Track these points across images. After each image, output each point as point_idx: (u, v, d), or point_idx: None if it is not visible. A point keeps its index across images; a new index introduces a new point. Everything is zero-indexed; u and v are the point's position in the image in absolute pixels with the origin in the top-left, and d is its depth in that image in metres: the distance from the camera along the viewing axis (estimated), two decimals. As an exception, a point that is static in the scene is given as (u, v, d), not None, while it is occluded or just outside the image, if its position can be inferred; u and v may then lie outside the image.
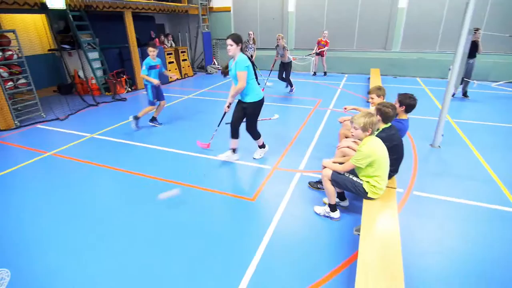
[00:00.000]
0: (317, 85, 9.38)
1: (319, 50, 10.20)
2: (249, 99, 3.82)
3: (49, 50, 8.68)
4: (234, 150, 4.21)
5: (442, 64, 9.80)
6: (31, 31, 8.41)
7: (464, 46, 4.18)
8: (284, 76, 8.11)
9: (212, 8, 12.02)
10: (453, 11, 9.30)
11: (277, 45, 7.88)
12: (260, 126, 5.63)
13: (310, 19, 10.95)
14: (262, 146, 4.36)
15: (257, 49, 11.93)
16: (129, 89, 8.97)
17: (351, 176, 2.78)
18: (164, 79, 8.54)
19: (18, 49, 6.06)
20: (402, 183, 3.57)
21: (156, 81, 5.44)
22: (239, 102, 3.95)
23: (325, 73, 10.69)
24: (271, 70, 8.65)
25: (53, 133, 5.66)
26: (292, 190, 3.51)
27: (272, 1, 11.20)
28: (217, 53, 12.67)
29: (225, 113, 4.19)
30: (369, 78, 9.32)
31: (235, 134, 4.06)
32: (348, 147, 3.15)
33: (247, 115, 3.94)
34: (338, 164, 2.89)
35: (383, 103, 2.90)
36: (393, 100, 3.25)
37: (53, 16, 8.49)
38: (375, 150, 2.56)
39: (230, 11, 11.88)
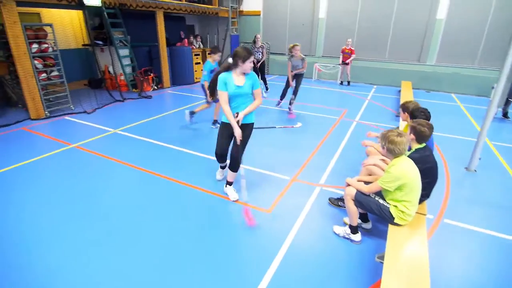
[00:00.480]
0: (343, 94, 9.08)
1: (347, 61, 9.91)
2: (251, 119, 3.21)
3: (82, 45, 9.01)
4: (230, 184, 3.47)
5: (481, 80, 9.19)
6: (67, 26, 8.78)
7: (512, 64, 3.81)
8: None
9: (242, 11, 12.04)
10: (496, 25, 8.72)
11: (292, 56, 6.36)
12: (282, 134, 5.63)
13: (341, 26, 10.67)
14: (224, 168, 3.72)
15: (285, 54, 11.86)
16: (155, 87, 9.11)
17: (377, 198, 2.56)
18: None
19: (54, 42, 6.29)
20: (432, 208, 3.28)
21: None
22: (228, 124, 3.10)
23: (348, 83, 10.34)
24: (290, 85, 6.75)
25: (79, 126, 5.80)
26: (310, 205, 3.32)
27: (303, 7, 11.05)
28: (243, 56, 12.64)
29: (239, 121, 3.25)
30: (399, 91, 8.90)
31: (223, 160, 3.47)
32: (375, 165, 2.92)
33: (245, 137, 3.14)
34: (363, 183, 2.67)
35: (419, 121, 2.66)
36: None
37: (89, 12, 8.83)
38: (406, 172, 2.33)
39: (260, 15, 11.84)
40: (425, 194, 2.71)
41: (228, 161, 3.40)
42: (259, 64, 8.32)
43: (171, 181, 3.78)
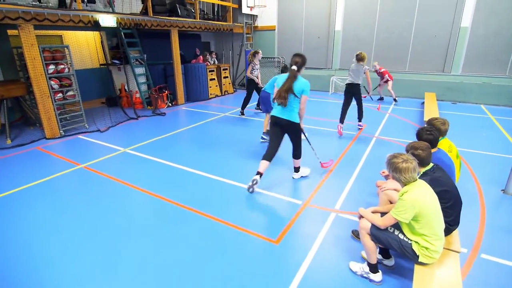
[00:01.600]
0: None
1: (385, 79, 9.03)
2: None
3: (100, 64, 9.26)
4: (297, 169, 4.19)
5: (513, 90, 8.52)
6: (87, 47, 9.08)
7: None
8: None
9: (257, 27, 12.05)
10: (530, 31, 8.10)
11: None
12: (285, 151, 5.19)
13: (358, 39, 10.38)
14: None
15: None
16: (170, 104, 9.14)
17: (396, 233, 2.20)
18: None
19: (70, 63, 6.44)
20: (466, 240, 2.84)
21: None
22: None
23: (395, 100, 9.18)
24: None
25: (91, 145, 5.79)
26: (324, 235, 2.97)
27: (318, 20, 10.88)
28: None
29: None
30: (423, 103, 8.39)
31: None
32: (396, 189, 2.57)
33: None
34: (379, 215, 2.32)
35: (412, 144, 2.37)
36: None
37: (107, 33, 9.13)
38: (420, 199, 1.99)
39: (274, 29, 11.80)
40: (451, 221, 2.33)
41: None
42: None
43: (179, 207, 3.57)
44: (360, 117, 6.39)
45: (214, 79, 10.43)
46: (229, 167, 4.63)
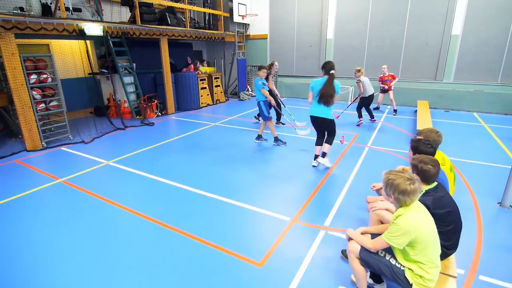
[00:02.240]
0: (354, 116, 8.53)
1: (391, 85, 8.62)
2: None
3: (88, 73, 9.06)
4: (324, 155, 4.76)
5: (505, 98, 8.51)
6: (75, 56, 8.89)
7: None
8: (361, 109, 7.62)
9: (249, 35, 12.00)
10: (520, 39, 8.12)
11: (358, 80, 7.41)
12: (284, 163, 4.95)
13: (350, 47, 10.35)
14: (314, 157, 4.77)
15: (293, 76, 11.61)
16: (159, 114, 8.94)
17: (388, 257, 2.01)
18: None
19: (53, 72, 6.24)
20: (463, 260, 2.66)
21: (273, 102, 5.89)
22: None
23: (395, 111, 8.70)
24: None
25: (73, 157, 5.55)
26: (312, 256, 2.77)
27: (310, 29, 10.86)
28: (251, 80, 12.49)
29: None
30: (415, 111, 8.31)
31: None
32: (387, 209, 2.39)
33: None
34: (369, 236, 2.14)
35: (420, 158, 2.15)
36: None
37: (95, 42, 8.97)
38: (417, 224, 1.80)
39: (266, 38, 11.75)
40: (451, 245, 2.15)
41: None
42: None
43: (159, 225, 3.35)
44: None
45: (205, 88, 10.28)
46: (216, 181, 4.43)
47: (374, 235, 2.17)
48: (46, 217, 3.52)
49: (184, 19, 9.33)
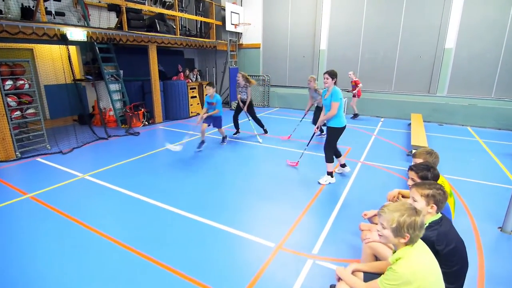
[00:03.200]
0: (347, 129, 8.29)
1: (354, 92, 9.25)
2: (331, 124, 4.35)
3: (72, 80, 8.73)
4: (343, 165, 4.91)
5: (499, 112, 8.41)
6: (59, 61, 8.55)
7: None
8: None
9: (241, 44, 11.83)
10: (513, 54, 8.08)
11: (309, 88, 6.75)
12: (269, 180, 4.60)
13: (343, 58, 10.23)
14: (330, 174, 4.55)
15: (286, 87, 11.41)
16: (146, 123, 8.62)
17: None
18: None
19: (31, 78, 5.91)
20: (465, 298, 2.37)
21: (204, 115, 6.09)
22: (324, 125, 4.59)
23: (355, 115, 9.59)
24: (304, 115, 7.06)
25: (47, 169, 5.17)
26: (297, 290, 2.46)
27: (303, 39, 10.74)
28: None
29: (314, 134, 4.87)
30: (409, 125, 8.15)
31: (337, 154, 4.77)
32: (381, 242, 2.10)
33: (327, 136, 4.48)
34: (362, 276, 1.85)
35: (433, 184, 1.90)
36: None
37: (81, 47, 8.67)
38: (419, 272, 1.52)
39: (259, 48, 11.59)
40: (456, 288, 1.87)
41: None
42: (245, 106, 7.05)
43: (128, 251, 3.00)
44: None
45: (195, 96, 10.01)
46: (195, 198, 4.10)
47: (367, 275, 1.88)
48: (2, 240, 3.14)
49: (174, 27, 9.10)
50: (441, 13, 8.64)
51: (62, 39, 6.17)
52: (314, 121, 6.85)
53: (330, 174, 4.56)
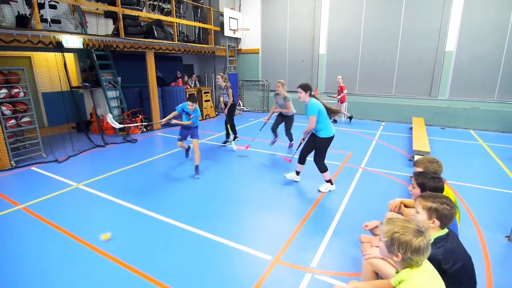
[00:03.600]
0: (347, 134, 8.23)
1: (338, 97, 9.28)
2: (319, 134, 4.19)
3: (70, 87, 8.68)
4: (297, 173, 4.70)
5: (502, 115, 8.27)
6: (56, 69, 8.52)
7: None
8: (276, 128, 6.39)
9: (240, 50, 11.79)
10: (515, 56, 7.96)
11: (277, 94, 6.16)
12: (267, 187, 4.43)
13: (343, 62, 10.15)
14: (330, 182, 4.44)
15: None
16: (144, 130, 8.54)
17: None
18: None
19: (26, 87, 5.85)
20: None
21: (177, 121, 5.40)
22: (312, 135, 4.31)
23: (342, 117, 9.79)
24: (265, 123, 6.44)
25: (41, 179, 5.08)
26: (294, 308, 2.32)
27: (302, 43, 10.68)
28: (243, 95, 12.21)
29: (300, 143, 4.66)
30: (411, 128, 8.02)
31: (302, 161, 4.55)
32: (383, 258, 1.97)
33: (316, 148, 4.30)
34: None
35: (441, 199, 1.76)
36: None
37: (79, 55, 8.64)
38: None
39: (258, 53, 11.54)
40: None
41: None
42: (227, 109, 6.82)
43: (119, 265, 2.88)
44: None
45: (194, 102, 9.91)
46: (190, 208, 3.99)
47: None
48: (-10, 255, 3.03)
49: (172, 33, 9.07)
50: (441, 15, 8.56)
51: (58, 47, 6.12)
52: (274, 127, 6.35)
53: (329, 181, 4.44)
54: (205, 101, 10.47)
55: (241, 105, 11.90)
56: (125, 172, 5.35)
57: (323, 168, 4.33)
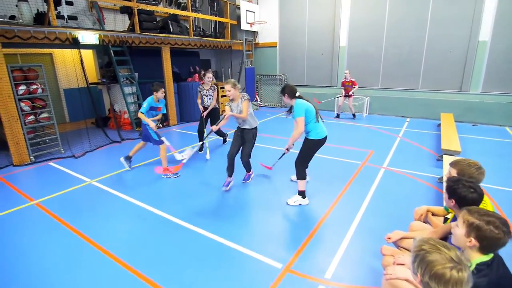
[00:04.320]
0: (369, 130, 7.80)
1: (350, 93, 8.87)
2: (311, 136, 3.64)
3: (90, 83, 8.81)
4: (301, 193, 3.87)
5: (544, 111, 7.51)
6: (77, 65, 8.67)
7: None
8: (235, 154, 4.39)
9: (257, 43, 11.52)
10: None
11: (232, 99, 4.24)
12: (281, 188, 4.11)
13: (365, 54, 9.64)
14: (302, 194, 3.82)
15: (304, 86, 10.95)
16: (161, 125, 8.52)
17: None
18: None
19: (44, 83, 5.93)
20: None
21: (153, 124, 4.81)
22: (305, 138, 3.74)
23: (354, 116, 9.20)
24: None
25: (57, 174, 5.13)
26: (305, 326, 2.11)
27: (322, 36, 10.24)
28: (260, 89, 11.96)
29: (283, 154, 4.21)
30: (439, 125, 7.48)
31: (305, 174, 3.77)
32: (407, 280, 1.71)
33: (302, 149, 3.72)
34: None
35: (489, 215, 1.46)
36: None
37: (98, 51, 8.73)
38: None
39: (276, 46, 11.22)
40: None
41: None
42: (207, 111, 5.79)
43: (127, 270, 2.78)
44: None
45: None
46: (200, 207, 3.84)
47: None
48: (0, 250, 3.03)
49: (188, 27, 8.95)
50: (474, 2, 7.86)
51: (74, 43, 6.15)
52: (232, 152, 4.31)
53: (301, 194, 3.81)
54: (222, 96, 10.32)
55: (258, 100, 11.67)
56: (139, 168, 5.32)
57: (301, 175, 3.69)
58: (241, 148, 4.33)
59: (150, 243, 3.11)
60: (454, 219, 1.98)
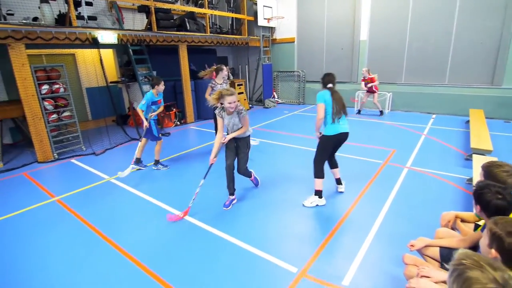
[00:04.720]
0: (391, 127, 7.47)
1: (369, 85, 8.50)
2: (324, 131, 3.59)
3: (110, 82, 9.01)
4: (318, 193, 3.70)
5: None
6: (97, 65, 8.89)
7: None
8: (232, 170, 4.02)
9: (275, 39, 11.35)
10: None
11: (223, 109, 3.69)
12: (298, 189, 3.93)
13: (387, 48, 9.23)
14: (318, 194, 3.66)
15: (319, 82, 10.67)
16: (178, 123, 8.59)
17: None
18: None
19: (66, 82, 6.10)
20: None
21: (146, 123, 4.91)
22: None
23: (381, 112, 8.76)
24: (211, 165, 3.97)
25: (78, 171, 5.27)
26: (320, 336, 1.99)
27: (341, 30, 9.92)
28: (277, 86, 11.80)
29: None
30: (468, 122, 7.04)
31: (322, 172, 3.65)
32: (433, 292, 1.55)
33: (317, 145, 3.66)
34: None
35: (510, 222, 1.29)
36: None
37: (118, 50, 8.90)
38: None
39: (294, 42, 11.00)
40: None
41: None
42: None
43: (134, 265, 2.77)
44: None
45: (227, 95, 9.77)
46: (211, 206, 3.78)
47: None
48: (21, 246, 3.12)
49: (204, 25, 8.93)
50: (508, -11, 7.30)
51: (94, 43, 6.27)
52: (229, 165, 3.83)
53: (318, 193, 3.66)
54: (239, 93, 10.27)
55: (275, 97, 11.52)
56: (150, 168, 5.35)
57: (317, 173, 3.60)
58: (236, 160, 3.80)
59: (165, 243, 3.09)
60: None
